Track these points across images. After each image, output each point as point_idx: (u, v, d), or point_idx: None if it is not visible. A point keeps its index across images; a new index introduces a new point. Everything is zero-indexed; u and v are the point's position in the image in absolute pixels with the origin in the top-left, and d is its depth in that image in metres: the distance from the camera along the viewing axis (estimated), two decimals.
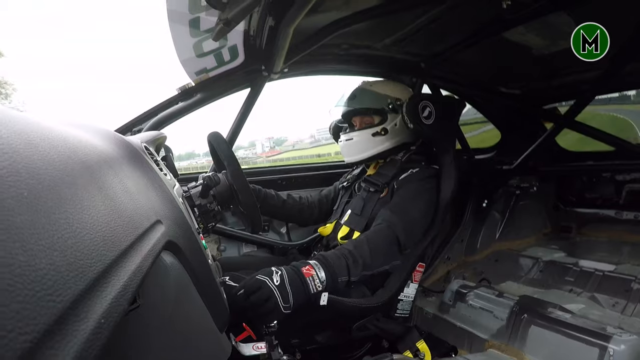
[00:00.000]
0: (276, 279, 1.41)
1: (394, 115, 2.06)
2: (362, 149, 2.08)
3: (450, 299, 2.35)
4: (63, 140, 0.47)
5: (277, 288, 1.39)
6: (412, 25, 2.05)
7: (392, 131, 2.05)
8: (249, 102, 2.30)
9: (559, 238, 2.95)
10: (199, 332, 0.78)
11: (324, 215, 2.31)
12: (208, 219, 1.63)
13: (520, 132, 3.11)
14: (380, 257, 1.69)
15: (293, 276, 1.46)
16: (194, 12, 1.63)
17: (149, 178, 0.75)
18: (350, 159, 2.14)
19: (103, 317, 0.35)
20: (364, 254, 1.64)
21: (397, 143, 2.07)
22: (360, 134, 2.08)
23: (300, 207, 2.25)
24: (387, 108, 2.05)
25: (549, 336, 1.84)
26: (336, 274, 1.56)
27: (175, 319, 0.67)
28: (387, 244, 1.72)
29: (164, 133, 1.68)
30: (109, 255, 0.40)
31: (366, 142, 2.07)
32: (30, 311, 0.27)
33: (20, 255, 0.28)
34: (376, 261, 1.67)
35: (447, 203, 1.97)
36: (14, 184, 0.32)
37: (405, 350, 1.85)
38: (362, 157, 2.10)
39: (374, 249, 1.68)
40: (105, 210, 0.45)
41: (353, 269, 1.60)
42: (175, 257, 0.68)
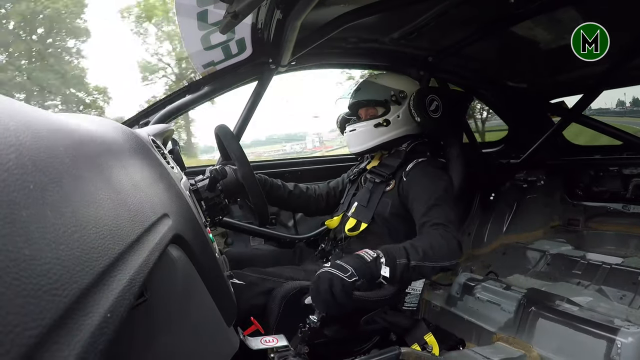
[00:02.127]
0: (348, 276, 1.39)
1: (396, 107, 2.06)
2: (365, 140, 2.10)
3: (458, 292, 2.36)
4: (70, 132, 0.46)
5: (334, 270, 1.40)
6: (420, 19, 2.04)
7: (394, 122, 2.05)
8: (257, 95, 2.29)
9: (566, 231, 2.95)
10: (206, 326, 0.78)
11: (331, 206, 2.30)
12: (215, 212, 1.63)
13: (528, 126, 3.10)
14: (442, 251, 1.63)
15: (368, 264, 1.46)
16: (202, 5, 1.63)
17: (156, 171, 0.74)
18: (354, 150, 2.16)
19: (109, 311, 0.35)
20: (424, 243, 1.61)
21: (399, 134, 2.07)
22: (363, 124, 2.09)
23: (307, 198, 2.25)
24: (389, 100, 2.06)
25: (557, 329, 1.85)
26: (394, 255, 1.52)
27: (183, 313, 0.67)
28: (448, 242, 1.66)
29: (171, 126, 1.68)
30: (115, 249, 0.40)
31: (368, 133, 2.08)
32: (36, 306, 0.27)
33: (25, 249, 0.28)
34: (436, 254, 1.61)
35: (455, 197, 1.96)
36: (20, 176, 0.31)
37: (413, 343, 1.85)
38: (364, 147, 2.11)
39: (433, 244, 1.63)
40: (112, 203, 0.45)
41: (413, 253, 1.56)
42: (183, 250, 0.68)
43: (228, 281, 1.02)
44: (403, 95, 2.05)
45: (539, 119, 3.05)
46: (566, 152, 3.03)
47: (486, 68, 2.79)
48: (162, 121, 2.04)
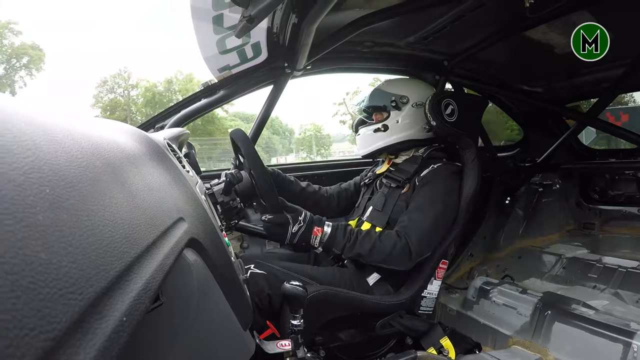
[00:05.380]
0: (295, 228, 1.69)
1: (396, 113, 2.08)
2: (366, 144, 2.16)
3: (474, 296, 2.38)
4: (86, 136, 0.47)
5: (290, 235, 1.70)
6: (435, 24, 2.05)
7: (392, 127, 2.08)
8: (272, 99, 2.30)
9: (581, 235, 2.98)
10: (222, 330, 0.78)
11: (342, 208, 2.34)
12: (231, 216, 1.63)
13: (543, 130, 3.12)
14: (379, 257, 1.74)
15: (305, 233, 1.72)
16: (217, 9, 1.64)
17: (171, 175, 0.75)
18: (360, 152, 2.24)
19: (125, 315, 0.35)
20: (365, 246, 1.73)
21: (399, 139, 2.09)
22: (365, 129, 2.16)
23: (318, 197, 2.27)
24: (389, 105, 2.09)
25: (573, 332, 1.85)
26: (332, 245, 1.75)
27: (199, 317, 0.66)
28: (395, 251, 1.73)
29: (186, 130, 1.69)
30: (131, 252, 0.40)
31: (369, 137, 2.14)
32: (52, 309, 0.27)
33: (41, 253, 0.28)
34: (373, 257, 1.74)
35: (470, 201, 1.96)
36: (36, 181, 0.31)
37: (429, 347, 1.86)
38: (366, 151, 2.18)
39: (376, 246, 1.73)
40: (128, 207, 0.45)
41: (347, 250, 1.74)
42: (198, 254, 0.68)
43: (244, 285, 1.02)
44: (404, 100, 2.08)
45: (554, 123, 3.06)
46: (581, 156, 3.05)
47: (501, 72, 2.79)
48: (177, 125, 2.06)
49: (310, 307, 1.37)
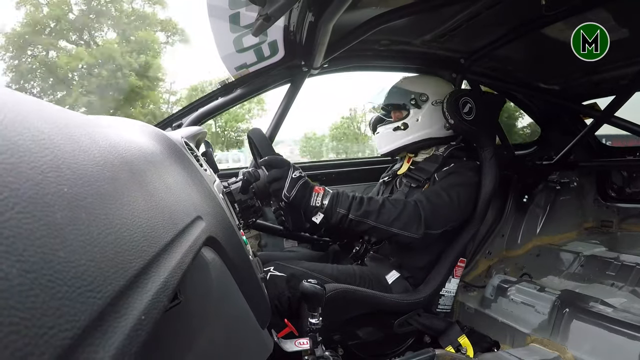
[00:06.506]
0: (296, 174, 1.61)
1: (416, 111, 2.07)
2: (387, 142, 2.15)
3: (492, 294, 2.38)
4: (104, 135, 0.47)
5: (290, 180, 1.60)
6: (452, 22, 2.04)
7: (412, 126, 2.06)
8: (289, 98, 2.30)
9: (599, 233, 3.00)
10: (240, 329, 0.78)
11: None
12: (248, 214, 1.63)
13: (560, 128, 3.11)
14: (389, 218, 1.67)
15: (305, 184, 1.63)
16: (234, 8, 1.65)
17: (189, 174, 0.75)
18: (380, 151, 2.22)
19: (143, 313, 0.35)
20: (374, 206, 1.67)
21: (419, 137, 2.07)
22: (384, 128, 2.15)
23: None
24: (408, 104, 2.08)
25: (591, 330, 1.84)
26: (336, 204, 1.65)
27: (217, 315, 0.67)
28: (405, 212, 1.68)
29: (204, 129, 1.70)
30: (149, 251, 0.40)
31: (389, 136, 2.12)
32: (70, 308, 0.27)
33: (60, 252, 0.28)
34: (381, 217, 1.67)
35: (488, 199, 1.96)
36: (54, 179, 0.32)
37: (448, 345, 1.87)
38: (385, 149, 2.16)
39: (387, 208, 1.68)
40: (146, 206, 0.45)
41: (354, 208, 1.65)
42: (216, 253, 0.68)
43: (262, 283, 1.02)
44: (424, 98, 2.06)
45: (571, 121, 3.05)
46: (599, 154, 3.03)
47: (518, 70, 2.77)
48: (194, 123, 2.08)
49: (328, 306, 1.37)
